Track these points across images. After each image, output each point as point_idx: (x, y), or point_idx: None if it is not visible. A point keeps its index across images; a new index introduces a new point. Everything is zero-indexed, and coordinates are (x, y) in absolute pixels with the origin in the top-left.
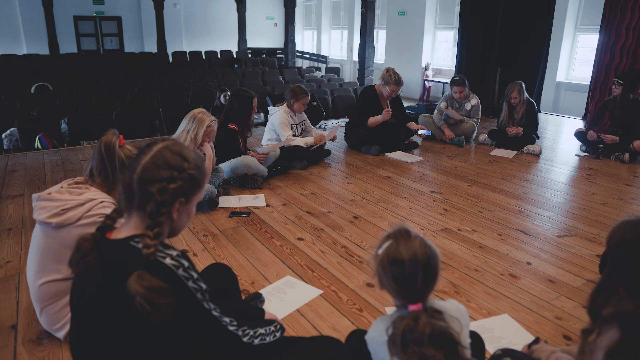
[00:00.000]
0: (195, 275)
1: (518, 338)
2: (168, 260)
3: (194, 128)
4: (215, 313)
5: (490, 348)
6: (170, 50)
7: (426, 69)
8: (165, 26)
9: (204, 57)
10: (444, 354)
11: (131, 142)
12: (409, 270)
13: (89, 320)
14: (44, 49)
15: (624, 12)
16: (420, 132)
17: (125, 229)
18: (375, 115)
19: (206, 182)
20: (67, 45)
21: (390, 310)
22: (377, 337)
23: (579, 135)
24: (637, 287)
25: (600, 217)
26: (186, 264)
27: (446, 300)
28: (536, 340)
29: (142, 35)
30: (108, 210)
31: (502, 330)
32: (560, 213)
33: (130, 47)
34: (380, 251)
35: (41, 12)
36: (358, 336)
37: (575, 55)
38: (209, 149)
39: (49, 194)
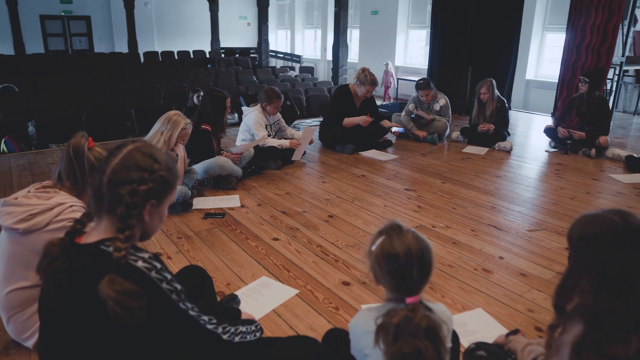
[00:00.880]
0: (169, 277)
1: (491, 331)
2: (140, 263)
3: (168, 130)
4: (192, 312)
5: (465, 342)
6: (141, 50)
7: (387, 68)
8: (136, 26)
9: (176, 57)
10: (433, 349)
11: (102, 144)
12: (404, 264)
13: (58, 327)
14: (8, 49)
15: (588, 12)
16: (394, 129)
17: (95, 233)
18: (348, 114)
19: (178, 183)
20: (34, 45)
21: (366, 307)
22: (362, 326)
23: (548, 131)
24: (598, 281)
25: (569, 211)
26: (159, 265)
27: (434, 303)
28: (515, 331)
29: (113, 35)
30: (78, 215)
31: (476, 324)
32: (531, 208)
33: (100, 47)
34: (374, 247)
35: (5, 11)
36: (335, 335)
37: (543, 54)
38: (180, 150)
39: (16, 198)
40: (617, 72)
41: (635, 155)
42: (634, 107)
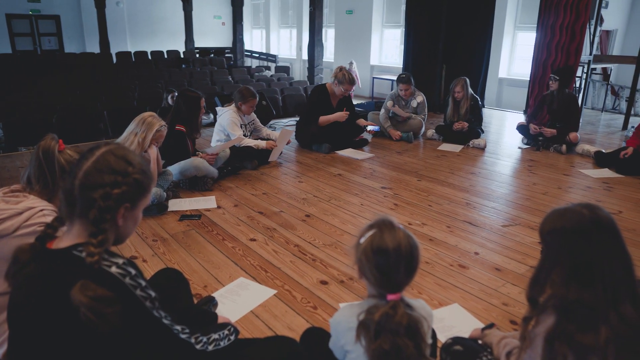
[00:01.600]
0: (144, 283)
1: (468, 326)
2: (114, 269)
3: (142, 131)
4: (165, 321)
5: (442, 337)
6: (114, 50)
7: (350, 67)
8: (108, 25)
9: (149, 57)
10: (414, 346)
11: (74, 146)
12: (393, 260)
13: (29, 336)
14: None
15: (557, 12)
16: (369, 128)
17: (67, 237)
18: (325, 114)
19: (153, 186)
20: (0, 45)
21: (348, 304)
22: (344, 323)
23: (521, 128)
24: (568, 273)
25: (541, 206)
26: (133, 272)
27: (415, 300)
28: (490, 325)
29: (83, 35)
30: (49, 219)
31: (452, 320)
32: (505, 204)
33: (70, 47)
34: (362, 240)
35: None
36: (312, 334)
37: (515, 52)
38: (153, 152)
39: None
40: (585, 70)
41: (603, 151)
42: (602, 104)
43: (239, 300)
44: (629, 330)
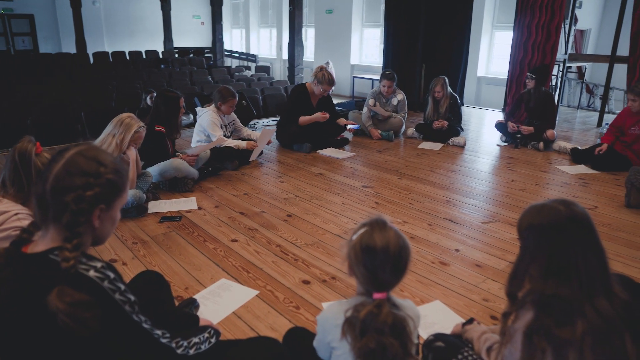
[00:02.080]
0: (123, 287)
1: (450, 322)
2: (92, 273)
3: (120, 132)
4: (145, 326)
5: (424, 334)
6: (90, 50)
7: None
8: (84, 25)
9: (127, 57)
10: (399, 345)
11: (51, 149)
12: (380, 259)
13: (5, 341)
14: None
15: (533, 12)
16: (349, 126)
17: (43, 241)
18: (305, 113)
19: (129, 184)
20: None
21: (326, 305)
22: (330, 319)
23: (499, 126)
24: (546, 268)
25: (520, 203)
26: (112, 275)
27: (404, 300)
28: (470, 320)
29: (59, 35)
30: (24, 222)
31: (434, 316)
32: (484, 201)
33: (46, 47)
34: (354, 237)
35: None
36: (295, 334)
37: (493, 51)
38: (132, 153)
39: None
40: (561, 69)
41: (579, 148)
42: (577, 102)
43: (221, 302)
44: (604, 323)
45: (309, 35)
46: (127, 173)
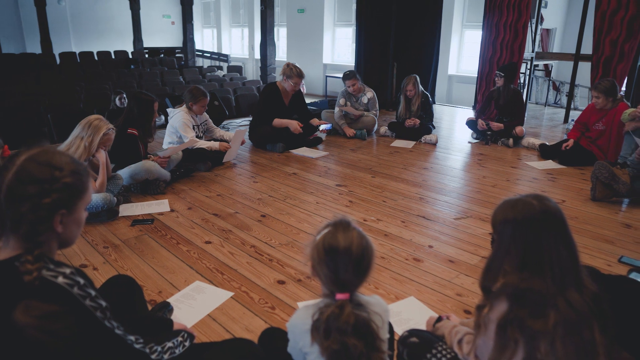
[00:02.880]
0: (93, 293)
1: (424, 318)
2: (60, 279)
3: (88, 135)
4: (118, 332)
5: (399, 330)
6: (56, 51)
7: None
8: (49, 25)
9: (96, 58)
10: (364, 344)
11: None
12: (342, 259)
13: None
14: None
15: (501, 11)
16: (322, 127)
17: (5, 250)
18: (277, 112)
19: (101, 190)
20: None
21: (303, 304)
22: (299, 325)
23: (470, 123)
24: (519, 261)
25: (491, 198)
26: (82, 281)
27: (371, 296)
28: (439, 319)
29: (23, 35)
30: None
31: (409, 313)
32: (456, 197)
33: (8, 47)
34: (318, 237)
35: None
36: (271, 334)
37: (463, 50)
38: (102, 156)
39: None
40: (528, 67)
41: (547, 144)
42: (545, 99)
43: (195, 305)
44: (575, 315)
45: (281, 35)
46: (87, 172)
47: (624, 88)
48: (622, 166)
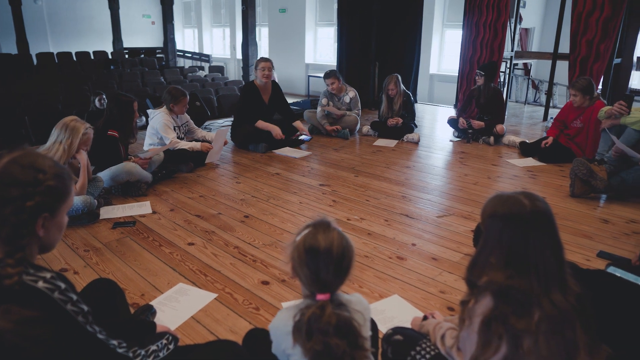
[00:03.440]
0: (75, 297)
1: (408, 316)
2: (41, 284)
3: (67, 138)
4: (100, 336)
5: (383, 328)
6: (33, 51)
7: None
8: (25, 24)
9: (74, 58)
10: (347, 344)
11: None
12: (323, 260)
13: None
14: None
15: (480, 10)
16: (301, 137)
17: None
18: (257, 111)
19: (73, 187)
20: None
21: (286, 305)
22: (281, 327)
23: (451, 122)
24: (506, 259)
25: (473, 196)
26: (63, 285)
27: (351, 295)
28: (425, 318)
29: None
30: None
31: (393, 311)
32: (439, 195)
33: None
34: (298, 238)
35: None
36: (255, 335)
37: (444, 49)
38: (83, 158)
39: None
40: (508, 66)
41: (527, 141)
42: (524, 97)
43: (179, 307)
44: (558, 315)
45: (262, 35)
46: (69, 176)
47: (600, 87)
48: (600, 163)
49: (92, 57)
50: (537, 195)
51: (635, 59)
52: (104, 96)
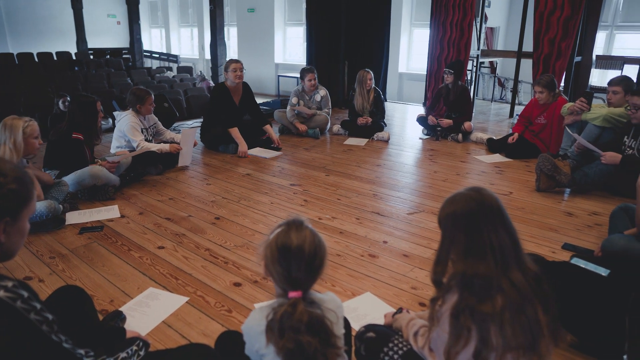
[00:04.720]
0: (38, 306)
1: (381, 313)
2: (2, 293)
3: (9, 137)
4: (66, 345)
5: (356, 326)
6: None
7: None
8: None
9: (36, 59)
10: (319, 341)
11: None
12: (295, 258)
13: None
14: None
15: (447, 10)
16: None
17: None
18: (228, 112)
19: (35, 191)
20: None
21: (259, 305)
22: (254, 327)
23: (421, 120)
24: (464, 250)
25: (442, 192)
26: (26, 294)
27: (324, 293)
28: (399, 310)
29: None
30: None
31: (366, 308)
32: (409, 192)
33: None
34: (271, 237)
35: None
36: (227, 338)
37: (413, 48)
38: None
39: None
40: (474, 64)
41: (494, 138)
42: (491, 95)
43: (149, 312)
44: (518, 295)
45: (231, 34)
46: (31, 180)
47: (562, 84)
48: (564, 158)
49: (55, 58)
50: (481, 187)
51: (594, 57)
52: (69, 98)
